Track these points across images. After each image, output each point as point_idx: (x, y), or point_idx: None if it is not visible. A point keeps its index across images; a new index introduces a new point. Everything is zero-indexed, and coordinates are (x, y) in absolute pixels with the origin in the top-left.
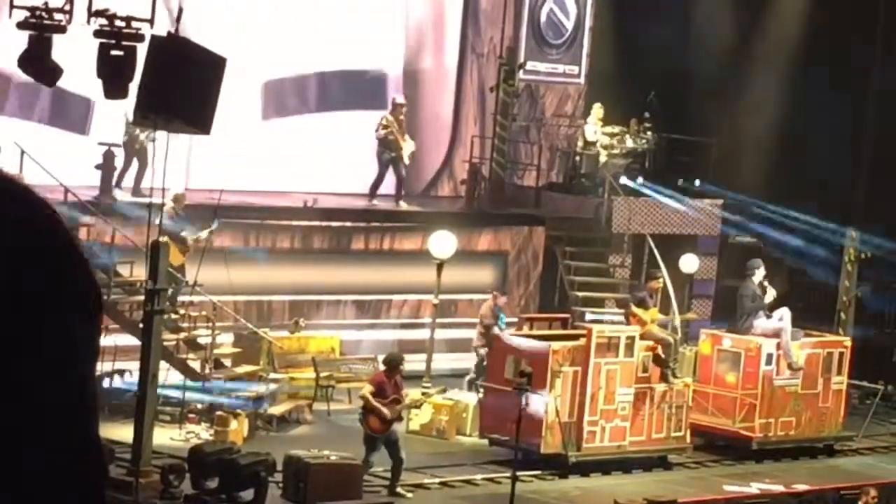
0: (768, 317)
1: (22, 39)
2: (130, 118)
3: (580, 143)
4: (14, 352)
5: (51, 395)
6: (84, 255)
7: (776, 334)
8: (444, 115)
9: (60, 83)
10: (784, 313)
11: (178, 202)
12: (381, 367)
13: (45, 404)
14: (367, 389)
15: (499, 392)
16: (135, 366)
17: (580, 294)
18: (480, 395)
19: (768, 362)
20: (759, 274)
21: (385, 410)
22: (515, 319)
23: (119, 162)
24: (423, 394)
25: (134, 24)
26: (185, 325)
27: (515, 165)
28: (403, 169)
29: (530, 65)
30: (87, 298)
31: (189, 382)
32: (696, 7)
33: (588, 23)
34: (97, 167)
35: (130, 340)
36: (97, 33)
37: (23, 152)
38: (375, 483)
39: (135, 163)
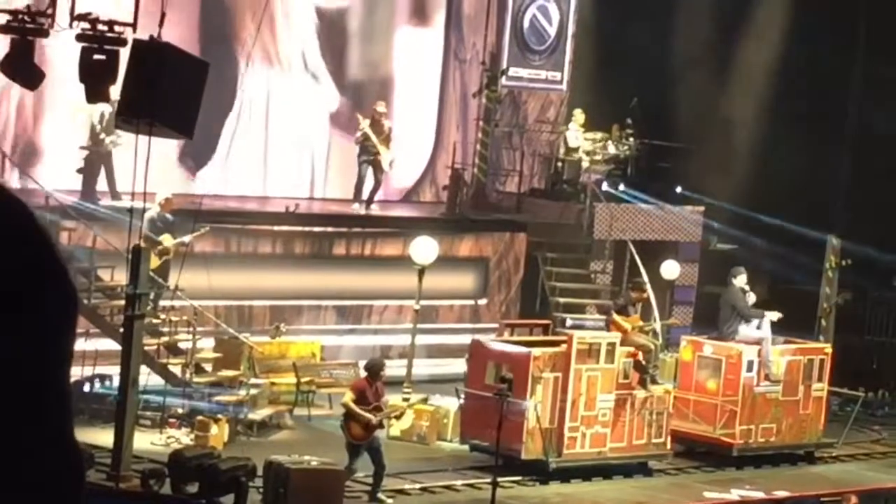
0: (748, 322)
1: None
2: (97, 123)
3: (562, 150)
4: None
5: (25, 396)
6: (61, 257)
7: (758, 343)
8: (426, 120)
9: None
10: (763, 319)
11: (165, 206)
12: (363, 374)
13: (18, 405)
14: (348, 396)
15: (479, 398)
16: (115, 370)
17: (561, 300)
18: (461, 401)
19: (749, 369)
20: (741, 280)
21: (369, 417)
22: (496, 325)
23: (95, 167)
24: (404, 400)
25: (116, 28)
26: (166, 329)
27: (497, 171)
28: (381, 175)
29: (513, 71)
30: (63, 300)
31: (169, 387)
32: (679, 14)
33: (571, 29)
34: (78, 171)
35: (111, 345)
36: (79, 37)
37: (3, 156)
38: (356, 489)
39: (102, 169)
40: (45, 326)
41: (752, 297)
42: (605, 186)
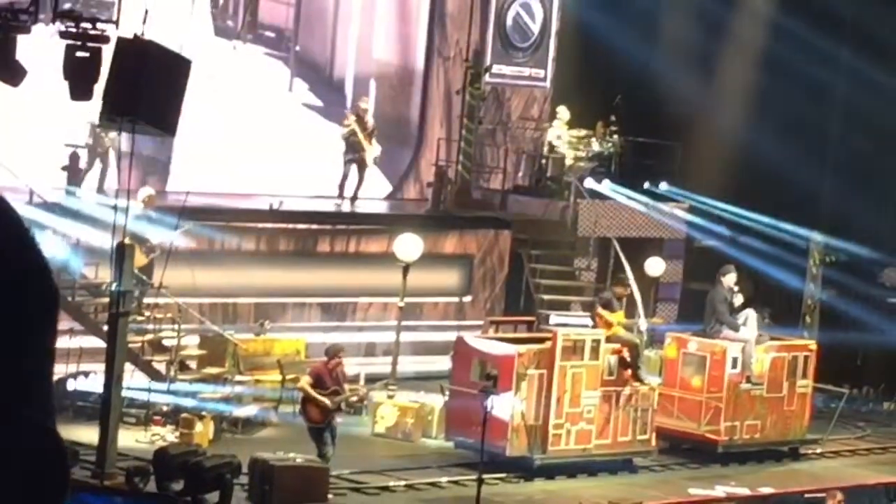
0: (728, 327)
1: None
2: (96, 121)
3: (546, 147)
4: None
5: (7, 393)
6: (43, 255)
7: (742, 342)
8: (410, 117)
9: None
10: (749, 314)
11: (147, 203)
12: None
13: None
14: (304, 380)
15: (464, 395)
16: (100, 368)
17: (546, 297)
18: (446, 398)
19: (734, 366)
20: (730, 279)
21: (325, 400)
22: (481, 322)
23: (83, 164)
24: (389, 397)
25: (99, 25)
26: (151, 327)
27: (481, 168)
28: (365, 171)
29: (496, 68)
30: (45, 299)
31: (154, 384)
32: (663, 11)
33: (554, 26)
34: (63, 168)
35: (95, 342)
36: (63, 35)
37: None
38: (342, 486)
39: (97, 165)
40: (27, 323)
41: (739, 298)
42: (589, 183)
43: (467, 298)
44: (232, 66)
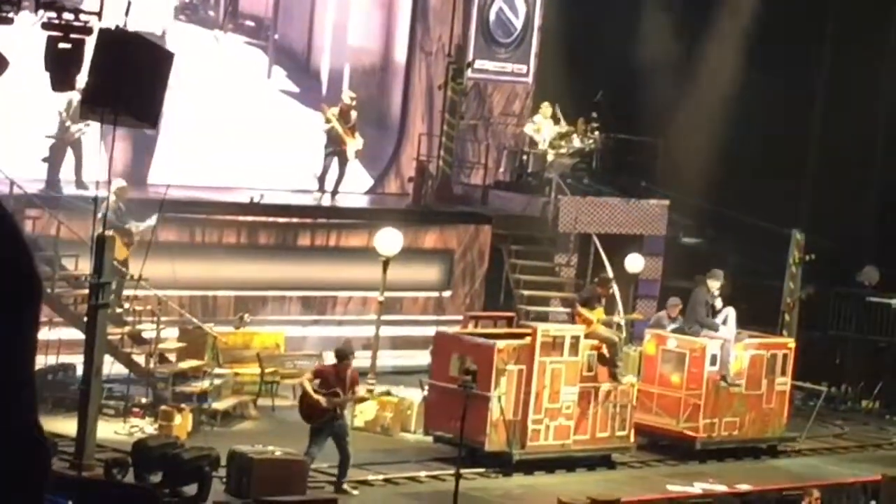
0: (708, 328)
1: None
2: (62, 111)
3: (528, 142)
4: None
5: None
6: (26, 244)
7: (721, 340)
8: (392, 112)
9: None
10: (729, 313)
11: (119, 195)
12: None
13: None
14: (306, 377)
15: (444, 389)
16: (79, 359)
17: (525, 293)
18: (425, 392)
19: (713, 363)
20: (713, 284)
21: (317, 399)
22: (460, 318)
23: (60, 155)
24: (368, 391)
25: (82, 16)
26: (130, 319)
27: (463, 164)
28: (346, 166)
29: (479, 63)
30: (27, 288)
31: (133, 376)
32: (645, 7)
33: (537, 22)
34: (44, 160)
35: (75, 334)
36: (45, 25)
37: None
38: (320, 479)
39: (70, 156)
40: (10, 315)
41: (719, 303)
42: (570, 179)
43: (447, 293)
44: (213, 56)
